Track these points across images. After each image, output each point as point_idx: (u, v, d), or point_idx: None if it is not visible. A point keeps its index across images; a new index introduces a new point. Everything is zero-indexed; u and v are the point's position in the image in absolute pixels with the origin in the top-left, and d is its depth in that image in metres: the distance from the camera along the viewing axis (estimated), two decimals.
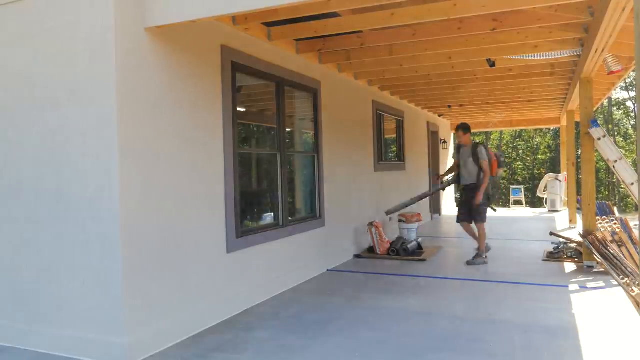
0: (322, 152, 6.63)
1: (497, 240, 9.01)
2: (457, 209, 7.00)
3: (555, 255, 7.07)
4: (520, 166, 28.07)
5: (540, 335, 3.93)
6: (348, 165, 7.50)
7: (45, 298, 3.80)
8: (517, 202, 17.86)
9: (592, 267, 6.30)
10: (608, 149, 6.21)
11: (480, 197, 6.57)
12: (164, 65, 3.92)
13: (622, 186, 19.89)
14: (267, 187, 5.71)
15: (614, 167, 6.14)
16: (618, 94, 27.90)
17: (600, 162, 21.84)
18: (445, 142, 14.56)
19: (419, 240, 7.90)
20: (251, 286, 4.96)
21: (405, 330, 4.13)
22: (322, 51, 6.20)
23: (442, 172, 14.23)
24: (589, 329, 4.05)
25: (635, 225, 8.39)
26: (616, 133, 26.62)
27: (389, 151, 10.02)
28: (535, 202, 22.66)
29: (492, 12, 4.76)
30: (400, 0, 4.09)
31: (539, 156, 27.66)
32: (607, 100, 25.15)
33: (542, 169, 26.91)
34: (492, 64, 6.59)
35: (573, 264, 6.64)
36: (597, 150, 6.62)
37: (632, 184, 5.99)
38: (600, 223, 6.80)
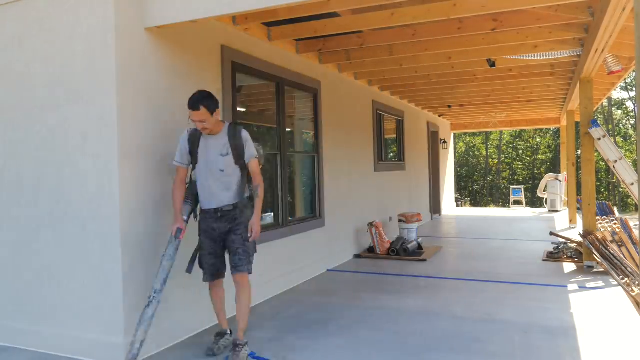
0: (322, 152, 6.63)
1: (497, 240, 9.02)
2: (201, 254, 3.69)
3: (555, 255, 7.08)
4: (520, 166, 28.07)
5: (540, 335, 3.93)
6: (348, 165, 7.50)
7: (45, 298, 3.80)
8: (517, 202, 17.86)
9: (592, 267, 6.31)
10: (608, 149, 6.21)
11: (258, 228, 3.58)
12: (164, 66, 3.92)
13: (622, 186, 19.90)
14: (267, 187, 5.70)
15: (614, 167, 6.14)
16: (618, 94, 27.92)
17: (600, 162, 21.85)
18: (445, 142, 14.57)
19: (419, 240, 7.91)
20: (251, 286, 4.95)
21: (405, 330, 4.13)
22: (322, 51, 6.20)
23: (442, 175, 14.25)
24: (589, 329, 4.05)
25: (635, 225, 8.39)
26: (616, 133, 26.62)
27: (389, 151, 10.02)
28: (535, 202, 22.67)
29: (492, 12, 4.76)
30: (401, 0, 4.09)
31: (539, 156, 27.67)
32: (607, 100, 25.16)
33: (542, 169, 26.92)
34: (492, 64, 6.59)
35: (573, 264, 6.64)
36: (597, 150, 6.62)
37: (632, 184, 5.99)
38: (600, 223, 6.81)
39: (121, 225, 3.49)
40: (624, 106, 27.71)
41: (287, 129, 5.94)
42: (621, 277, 5.52)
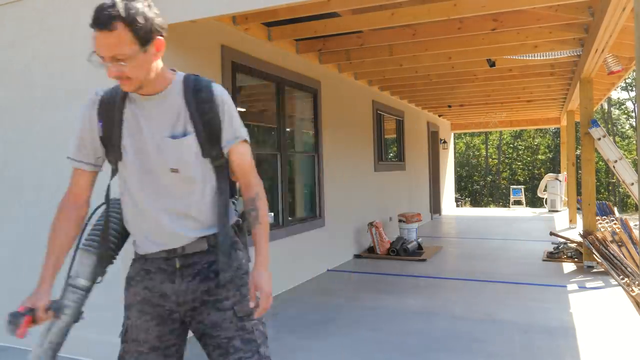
0: (322, 152, 6.63)
1: (497, 240, 9.02)
2: (124, 349, 1.81)
3: (555, 255, 7.08)
4: (520, 166, 28.07)
5: (540, 335, 3.93)
6: (348, 165, 7.50)
7: None
8: (517, 202, 17.86)
9: (592, 267, 6.31)
10: (608, 149, 6.21)
11: (269, 288, 1.64)
12: (164, 65, 3.92)
13: (622, 186, 19.90)
14: (267, 187, 5.69)
15: (614, 167, 6.14)
16: (618, 94, 27.93)
17: (600, 162, 21.85)
18: (445, 142, 14.57)
19: (419, 240, 7.91)
20: None
21: (405, 330, 4.13)
22: (322, 51, 6.20)
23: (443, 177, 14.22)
24: (589, 329, 4.05)
25: (635, 225, 8.40)
26: (615, 133, 26.62)
27: (389, 151, 10.02)
28: (535, 202, 22.67)
29: (492, 12, 4.76)
30: (401, 0, 4.09)
31: (539, 156, 27.67)
32: (606, 101, 25.17)
33: (542, 169, 26.93)
34: (492, 64, 6.59)
35: (573, 264, 6.64)
36: (597, 150, 6.62)
37: (632, 184, 5.99)
38: (600, 223, 6.81)
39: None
40: (624, 106, 27.72)
41: (287, 129, 5.93)
42: (621, 277, 5.52)
